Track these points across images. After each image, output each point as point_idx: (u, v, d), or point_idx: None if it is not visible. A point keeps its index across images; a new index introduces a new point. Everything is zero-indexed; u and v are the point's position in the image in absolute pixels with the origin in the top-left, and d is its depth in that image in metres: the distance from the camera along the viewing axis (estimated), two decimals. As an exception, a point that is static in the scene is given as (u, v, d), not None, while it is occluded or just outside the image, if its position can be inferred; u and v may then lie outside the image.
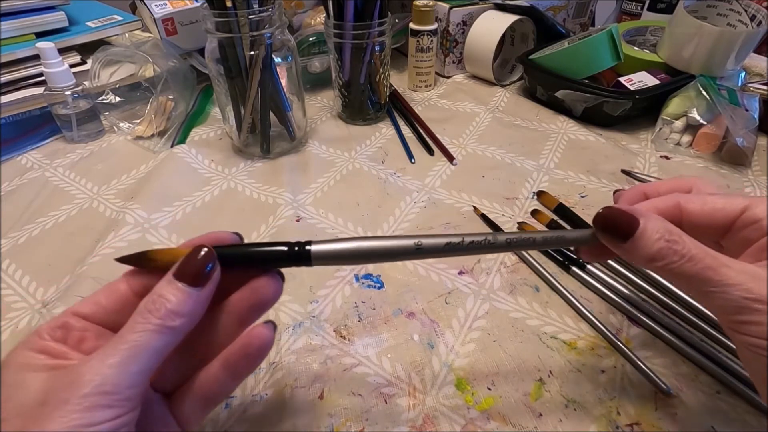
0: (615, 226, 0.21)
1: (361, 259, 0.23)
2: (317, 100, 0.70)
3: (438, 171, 0.52)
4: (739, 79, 0.59)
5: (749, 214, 0.21)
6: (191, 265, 0.20)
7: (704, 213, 0.22)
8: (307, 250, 0.22)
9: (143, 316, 0.19)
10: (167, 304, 0.19)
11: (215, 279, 0.21)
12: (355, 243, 0.23)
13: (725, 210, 0.22)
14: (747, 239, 0.21)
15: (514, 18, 0.67)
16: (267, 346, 0.23)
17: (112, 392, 0.17)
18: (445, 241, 0.23)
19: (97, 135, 0.60)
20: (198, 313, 0.21)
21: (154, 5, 0.64)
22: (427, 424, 0.28)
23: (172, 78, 0.59)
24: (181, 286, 0.20)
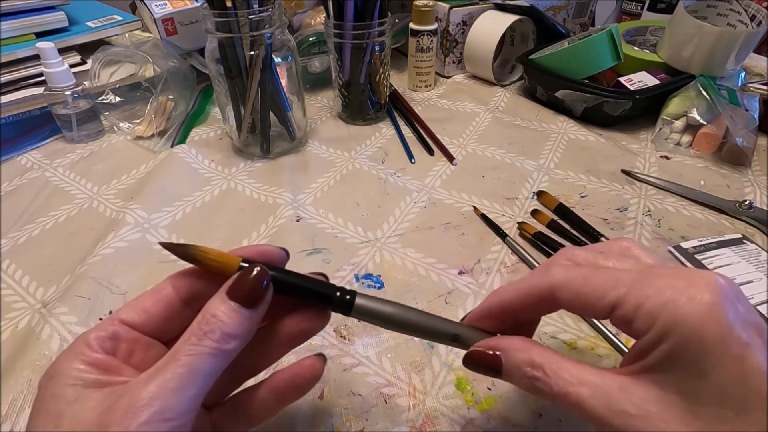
0: (482, 367, 0.21)
1: (397, 326, 0.23)
2: (317, 100, 0.70)
3: (438, 171, 0.52)
4: (739, 79, 0.59)
5: (620, 313, 0.18)
6: (245, 285, 0.20)
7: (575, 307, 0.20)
8: (350, 300, 0.22)
9: (198, 338, 0.19)
10: (223, 327, 0.19)
11: (268, 300, 0.21)
12: (398, 309, 0.23)
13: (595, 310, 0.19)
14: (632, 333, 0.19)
15: (514, 18, 0.67)
16: (316, 378, 0.23)
17: (171, 418, 0.17)
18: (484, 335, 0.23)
19: (97, 135, 0.60)
20: (250, 334, 0.20)
21: (154, 5, 0.64)
22: (427, 424, 0.28)
23: (172, 78, 0.59)
24: (235, 307, 0.19)
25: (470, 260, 0.40)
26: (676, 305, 0.16)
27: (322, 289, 0.22)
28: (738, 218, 0.44)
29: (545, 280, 0.21)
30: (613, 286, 0.19)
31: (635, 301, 0.18)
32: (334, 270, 0.39)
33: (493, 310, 0.23)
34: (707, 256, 0.39)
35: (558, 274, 0.20)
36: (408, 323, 0.23)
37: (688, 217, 0.45)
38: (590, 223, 0.43)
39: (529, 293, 0.21)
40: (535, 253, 0.40)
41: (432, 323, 0.23)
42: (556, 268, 0.21)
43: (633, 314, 0.18)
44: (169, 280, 0.22)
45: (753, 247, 0.40)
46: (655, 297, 0.17)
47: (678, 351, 0.16)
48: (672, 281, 0.17)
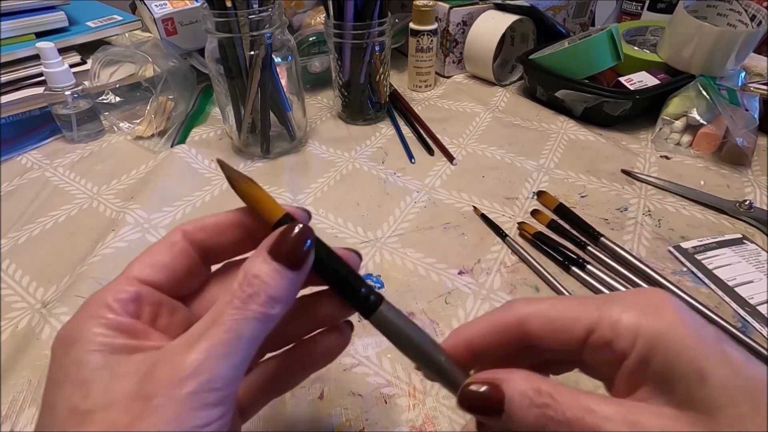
0: (482, 402, 0.18)
1: (410, 350, 0.20)
2: (317, 100, 0.70)
3: (438, 171, 0.52)
4: (739, 79, 0.59)
5: (597, 336, 0.17)
6: (288, 244, 0.18)
7: (547, 334, 0.18)
8: (375, 302, 0.20)
9: (242, 301, 0.17)
10: (267, 289, 0.17)
11: (310, 263, 0.19)
12: (419, 336, 0.20)
13: (569, 334, 0.18)
14: (609, 361, 0.17)
15: (514, 18, 0.67)
16: (345, 345, 0.23)
17: (219, 388, 0.15)
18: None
19: (97, 135, 0.60)
20: (293, 299, 0.18)
21: (154, 5, 0.64)
22: (427, 424, 0.28)
23: (172, 78, 0.59)
24: (279, 268, 0.17)
25: (470, 260, 0.40)
26: (653, 318, 0.16)
27: (350, 275, 0.20)
28: (738, 218, 0.44)
29: (509, 313, 0.19)
30: (584, 310, 0.18)
31: (610, 320, 0.17)
32: (334, 270, 0.39)
33: (458, 350, 0.20)
34: (707, 256, 0.39)
35: (523, 306, 0.19)
36: (420, 353, 0.20)
37: (688, 217, 0.45)
38: (590, 223, 0.43)
39: (495, 329, 0.19)
40: (535, 253, 0.40)
41: (444, 364, 0.20)
42: (518, 302, 0.19)
43: (612, 333, 0.17)
44: (181, 232, 0.20)
45: (753, 247, 0.40)
46: (628, 313, 0.17)
47: (672, 360, 0.16)
48: (633, 299, 0.17)
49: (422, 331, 0.20)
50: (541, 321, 0.18)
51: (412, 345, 0.20)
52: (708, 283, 0.37)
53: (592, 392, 0.17)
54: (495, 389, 0.17)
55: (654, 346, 0.16)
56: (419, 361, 0.20)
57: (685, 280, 0.38)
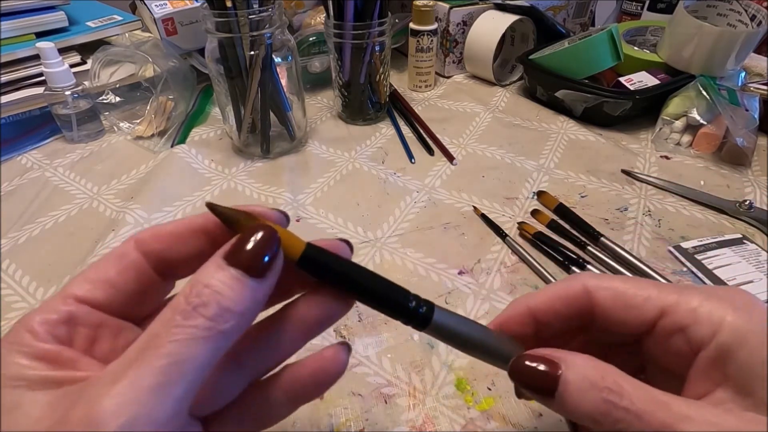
0: (535, 377, 0.16)
1: (469, 349, 0.19)
2: (317, 100, 0.70)
3: (438, 171, 0.52)
4: (739, 79, 0.59)
5: (671, 320, 0.16)
6: (249, 248, 0.15)
7: (616, 309, 0.17)
8: (427, 312, 0.18)
9: (185, 315, 0.13)
10: (221, 300, 0.14)
11: (278, 269, 0.16)
12: (477, 331, 0.19)
13: (640, 311, 0.17)
14: (678, 352, 0.16)
15: (514, 18, 0.67)
16: (340, 372, 0.19)
17: (149, 430, 0.12)
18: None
19: (97, 135, 0.60)
20: (255, 313, 0.15)
21: (154, 5, 0.64)
22: (427, 424, 0.28)
23: (172, 78, 0.59)
24: (236, 274, 0.14)
25: (470, 260, 0.40)
26: (741, 314, 0.15)
27: (391, 293, 0.18)
28: (738, 218, 0.44)
29: (576, 283, 0.18)
30: (658, 291, 0.16)
31: (688, 305, 0.16)
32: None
33: (521, 318, 0.19)
34: (707, 256, 0.39)
35: (591, 278, 0.18)
36: (486, 348, 0.19)
37: (688, 217, 0.44)
38: (590, 223, 0.43)
39: (559, 297, 0.18)
40: (535, 253, 0.40)
41: (506, 348, 0.19)
42: (584, 274, 0.18)
43: (690, 319, 0.15)
44: (133, 243, 0.17)
45: (753, 247, 0.40)
46: (711, 303, 0.16)
47: (758, 361, 0.14)
48: (718, 292, 0.16)
49: (478, 325, 0.19)
50: (610, 294, 0.17)
51: (472, 344, 0.19)
52: (708, 283, 0.37)
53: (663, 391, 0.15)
54: (550, 365, 0.16)
55: (740, 342, 0.15)
56: (480, 357, 0.19)
57: (685, 280, 0.38)
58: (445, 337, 0.19)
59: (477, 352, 0.19)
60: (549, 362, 0.16)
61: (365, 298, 0.18)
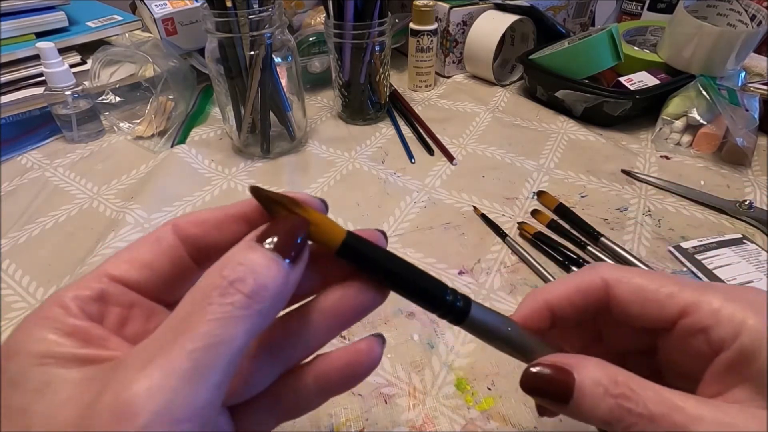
0: (549, 387, 0.16)
1: (503, 346, 0.19)
2: (317, 100, 0.70)
3: (438, 171, 0.52)
4: (739, 79, 0.59)
5: (692, 320, 0.16)
6: (280, 231, 0.15)
7: (635, 304, 0.17)
8: (461, 307, 0.18)
9: (222, 292, 0.13)
10: (256, 276, 0.13)
11: (305, 258, 0.15)
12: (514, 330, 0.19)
13: (661, 309, 0.16)
14: (696, 351, 0.16)
15: (514, 18, 0.67)
16: (374, 365, 0.18)
17: (181, 419, 0.11)
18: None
19: (97, 135, 0.60)
20: (286, 297, 0.15)
21: (154, 5, 0.64)
22: (427, 424, 0.28)
23: (172, 78, 0.59)
24: (271, 255, 0.14)
25: (470, 260, 0.40)
26: (763, 315, 0.15)
27: (428, 285, 0.17)
28: (738, 218, 0.44)
29: (594, 274, 0.18)
30: (680, 289, 0.16)
31: (710, 306, 0.15)
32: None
33: (539, 313, 0.19)
34: (707, 256, 0.39)
35: (609, 269, 0.17)
36: (521, 346, 0.19)
37: (688, 217, 0.44)
38: (590, 223, 0.43)
39: (577, 289, 0.18)
40: (535, 253, 0.40)
41: (536, 347, 0.19)
42: (603, 265, 0.18)
43: (712, 320, 0.15)
44: (171, 227, 0.17)
45: (753, 247, 0.40)
46: (734, 304, 0.15)
47: None
48: (737, 293, 0.16)
49: (512, 322, 0.19)
50: (629, 288, 0.17)
51: (504, 341, 0.19)
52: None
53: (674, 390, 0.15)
54: (564, 373, 0.16)
55: (761, 345, 0.15)
56: (510, 354, 0.19)
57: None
58: (480, 332, 0.19)
59: (508, 349, 0.19)
60: (561, 370, 0.16)
61: (402, 289, 0.17)
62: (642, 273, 0.17)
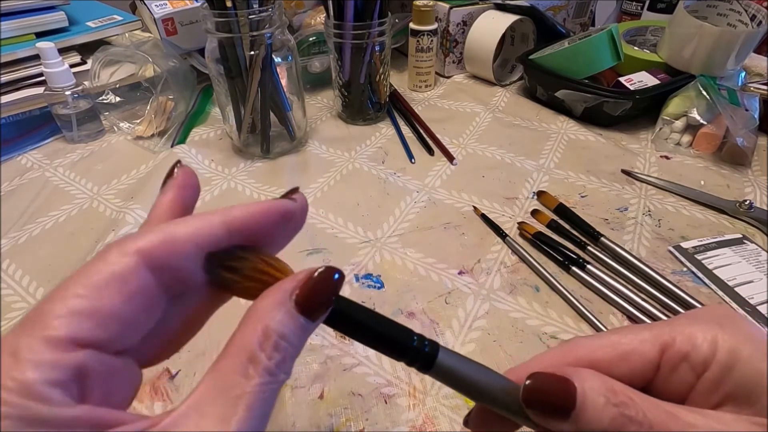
0: (548, 402, 0.15)
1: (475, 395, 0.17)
2: (317, 100, 0.70)
3: (438, 171, 0.52)
4: (739, 79, 0.59)
5: (672, 352, 0.16)
6: (320, 295, 0.15)
7: (617, 361, 0.17)
8: (431, 354, 0.17)
9: (270, 372, 0.13)
10: (294, 353, 0.14)
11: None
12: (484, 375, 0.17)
13: (640, 353, 0.16)
14: (683, 383, 0.16)
15: (514, 18, 0.67)
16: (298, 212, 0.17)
17: None
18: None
19: (97, 135, 0.60)
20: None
21: (154, 5, 0.64)
22: (427, 424, 0.28)
23: (172, 78, 0.59)
24: (304, 323, 0.14)
25: (470, 260, 0.40)
26: (730, 328, 0.16)
27: (392, 332, 0.17)
28: (738, 218, 0.44)
29: (571, 348, 0.17)
30: (650, 331, 0.17)
31: (683, 333, 0.16)
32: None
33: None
34: (707, 256, 0.39)
35: (584, 341, 0.18)
36: (492, 395, 0.17)
37: (688, 217, 0.44)
38: (590, 223, 0.43)
39: (557, 368, 0.17)
40: (535, 253, 0.40)
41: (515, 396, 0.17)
42: (577, 339, 0.18)
43: (689, 345, 0.16)
44: (138, 258, 0.13)
45: (753, 247, 0.40)
46: (701, 325, 0.16)
47: (755, 371, 0.15)
48: (701, 314, 0.17)
49: (485, 369, 0.18)
50: (608, 349, 0.17)
51: (477, 390, 0.17)
52: (708, 283, 0.37)
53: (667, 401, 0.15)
54: (565, 383, 0.15)
55: (735, 357, 0.15)
56: (486, 403, 0.17)
57: (685, 280, 0.38)
58: (450, 381, 0.17)
59: (485, 402, 0.17)
60: (562, 380, 0.15)
61: (364, 337, 0.17)
62: (613, 331, 0.18)
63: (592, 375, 0.16)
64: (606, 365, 0.17)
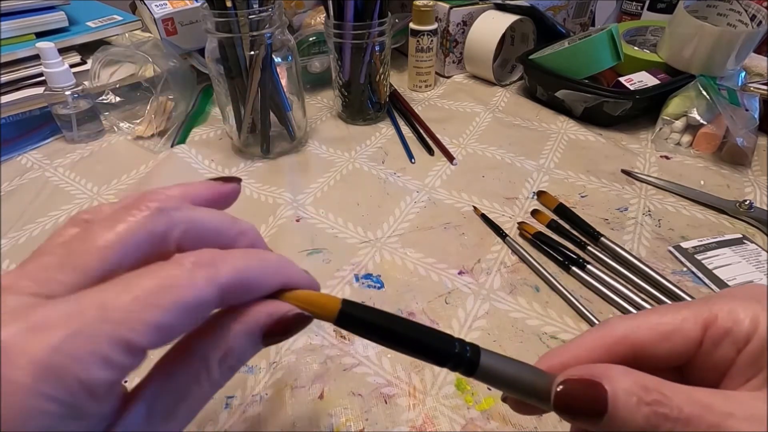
0: (579, 408, 0.16)
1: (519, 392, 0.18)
2: (317, 100, 0.70)
3: (438, 171, 0.52)
4: (739, 79, 0.59)
5: (715, 329, 0.16)
6: (286, 334, 0.17)
7: (658, 341, 0.17)
8: (473, 359, 0.17)
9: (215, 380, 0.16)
10: (239, 367, 0.17)
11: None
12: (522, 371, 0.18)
13: (682, 331, 0.16)
14: (724, 359, 0.16)
15: (514, 18, 0.67)
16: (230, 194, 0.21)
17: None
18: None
19: (97, 135, 0.60)
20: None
21: (154, 5, 0.64)
22: (427, 424, 0.28)
23: (172, 78, 0.59)
24: (260, 347, 0.17)
25: (470, 260, 0.40)
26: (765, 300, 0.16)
27: (433, 341, 0.17)
28: (738, 218, 0.44)
29: (609, 330, 0.17)
30: (689, 309, 0.17)
31: (723, 310, 0.16)
32: (334, 270, 0.39)
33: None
34: (707, 256, 0.39)
35: (622, 321, 0.17)
36: (531, 391, 0.17)
37: (688, 217, 0.44)
38: (590, 223, 0.43)
39: (598, 347, 0.18)
40: (535, 253, 0.40)
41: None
42: (614, 319, 0.18)
43: (731, 321, 0.16)
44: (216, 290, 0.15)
45: (753, 247, 0.40)
46: (740, 300, 0.16)
47: None
48: (736, 291, 0.17)
49: (523, 365, 0.18)
50: (648, 329, 0.17)
51: (521, 387, 0.17)
52: (708, 283, 0.37)
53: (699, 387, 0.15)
54: (595, 387, 0.15)
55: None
56: (524, 398, 0.18)
57: (685, 280, 0.38)
58: (494, 382, 0.18)
59: (529, 398, 0.18)
60: (592, 384, 0.15)
61: (407, 349, 0.17)
62: (650, 311, 0.18)
63: (623, 374, 0.15)
64: (647, 346, 0.17)
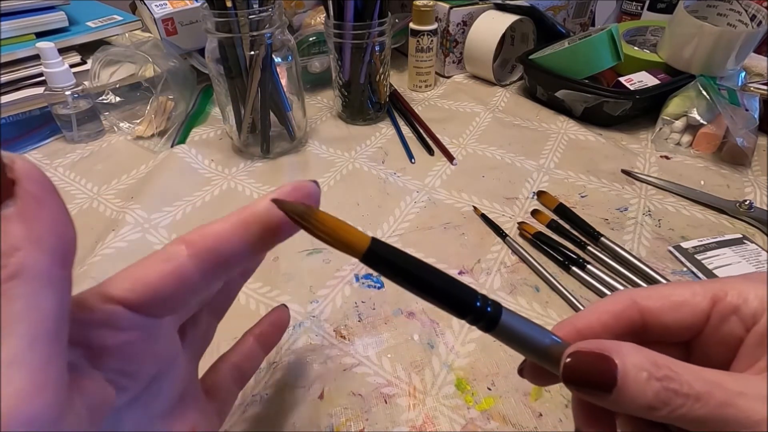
0: (588, 381, 0.16)
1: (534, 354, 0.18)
2: (317, 100, 0.70)
3: (438, 171, 0.52)
4: (739, 79, 0.59)
5: (723, 305, 0.17)
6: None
7: (668, 310, 0.17)
8: (494, 314, 0.17)
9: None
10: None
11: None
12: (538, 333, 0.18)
13: (692, 306, 0.17)
14: (731, 336, 0.17)
15: (514, 18, 0.67)
16: (287, 322, 0.28)
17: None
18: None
19: (97, 135, 0.60)
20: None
21: (154, 5, 0.64)
22: (427, 424, 0.28)
23: (172, 78, 0.59)
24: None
25: (470, 260, 0.40)
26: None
27: (457, 291, 0.17)
28: (738, 218, 0.44)
29: (621, 298, 0.18)
30: (701, 285, 0.17)
31: (734, 288, 0.17)
32: (334, 270, 0.39)
33: (570, 340, 0.18)
34: (707, 256, 0.39)
35: (636, 291, 0.18)
36: (545, 355, 0.17)
37: (688, 217, 0.44)
38: (590, 223, 0.43)
39: (608, 312, 0.18)
40: (535, 253, 0.40)
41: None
42: (629, 290, 0.19)
43: (740, 299, 0.16)
44: (189, 252, 0.16)
45: (753, 247, 0.40)
46: (751, 281, 0.17)
47: None
48: (746, 274, 0.18)
49: (541, 329, 0.18)
50: (658, 298, 0.17)
51: (536, 349, 0.18)
52: (708, 283, 0.37)
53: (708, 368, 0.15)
54: (605, 360, 0.15)
55: None
56: (539, 362, 0.18)
57: (685, 280, 0.38)
58: (512, 341, 0.18)
59: (542, 357, 0.18)
60: (602, 358, 0.15)
61: (430, 295, 0.17)
62: (665, 285, 0.18)
63: (633, 350, 0.15)
64: (657, 314, 0.17)
